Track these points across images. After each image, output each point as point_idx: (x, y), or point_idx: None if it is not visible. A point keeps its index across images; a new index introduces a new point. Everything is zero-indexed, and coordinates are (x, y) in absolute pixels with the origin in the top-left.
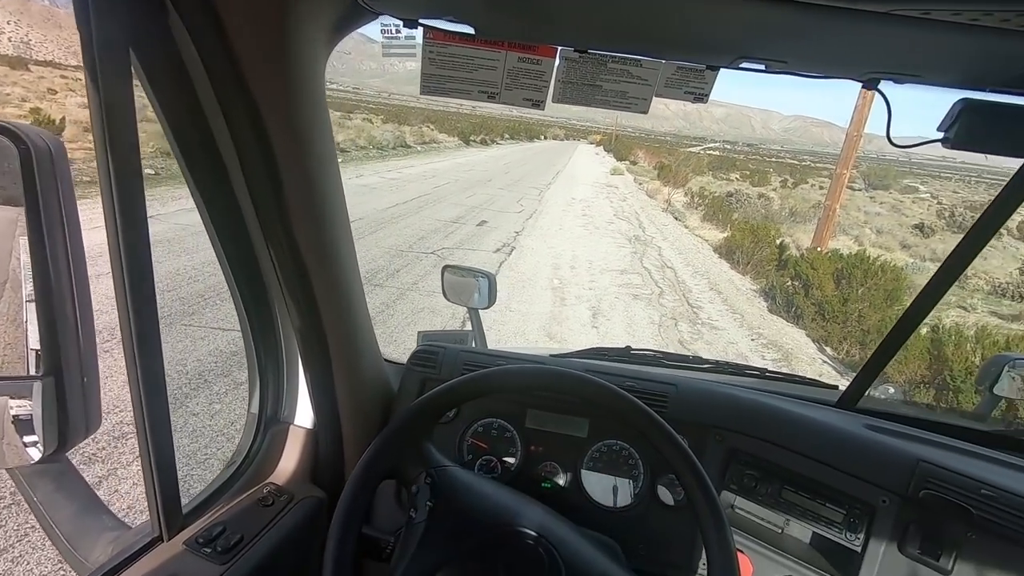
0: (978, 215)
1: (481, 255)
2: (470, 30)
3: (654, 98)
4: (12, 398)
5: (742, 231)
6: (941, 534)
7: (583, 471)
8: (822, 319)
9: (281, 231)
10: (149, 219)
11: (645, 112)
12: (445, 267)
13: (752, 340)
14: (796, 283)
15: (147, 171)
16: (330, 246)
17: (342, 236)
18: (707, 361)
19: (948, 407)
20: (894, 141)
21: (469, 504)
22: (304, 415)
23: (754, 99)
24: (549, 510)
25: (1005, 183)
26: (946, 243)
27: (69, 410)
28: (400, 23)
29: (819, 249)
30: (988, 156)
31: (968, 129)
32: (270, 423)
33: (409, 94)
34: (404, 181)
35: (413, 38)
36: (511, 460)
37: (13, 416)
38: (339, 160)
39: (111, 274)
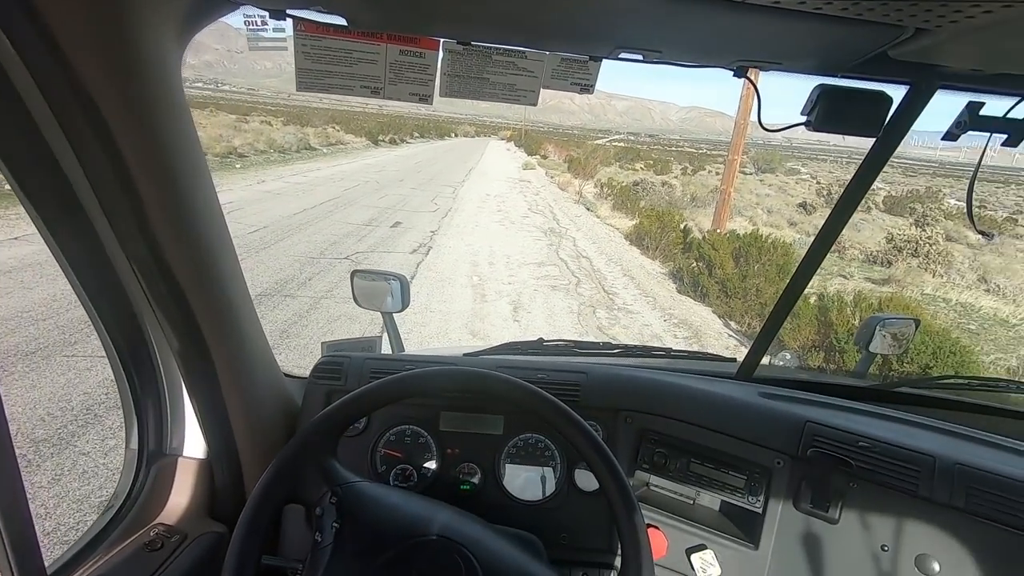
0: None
1: (398, 257)
2: (343, 21)
3: (544, 90)
4: None
5: (649, 218)
6: (828, 487)
7: (501, 468)
8: (725, 296)
9: (145, 249)
10: (16, 240)
11: (534, 104)
12: (354, 272)
13: (665, 321)
14: (700, 264)
15: (6, 187)
16: (206, 259)
17: (219, 246)
18: (617, 346)
19: (835, 368)
20: (765, 126)
21: (378, 519)
22: (194, 444)
23: (653, 92)
24: (462, 512)
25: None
26: (825, 218)
27: None
28: (266, 14)
29: (718, 231)
30: (846, 137)
31: (826, 112)
32: (153, 458)
33: (311, 95)
34: (311, 185)
35: (283, 30)
36: (428, 466)
37: None
38: (238, 165)
39: None
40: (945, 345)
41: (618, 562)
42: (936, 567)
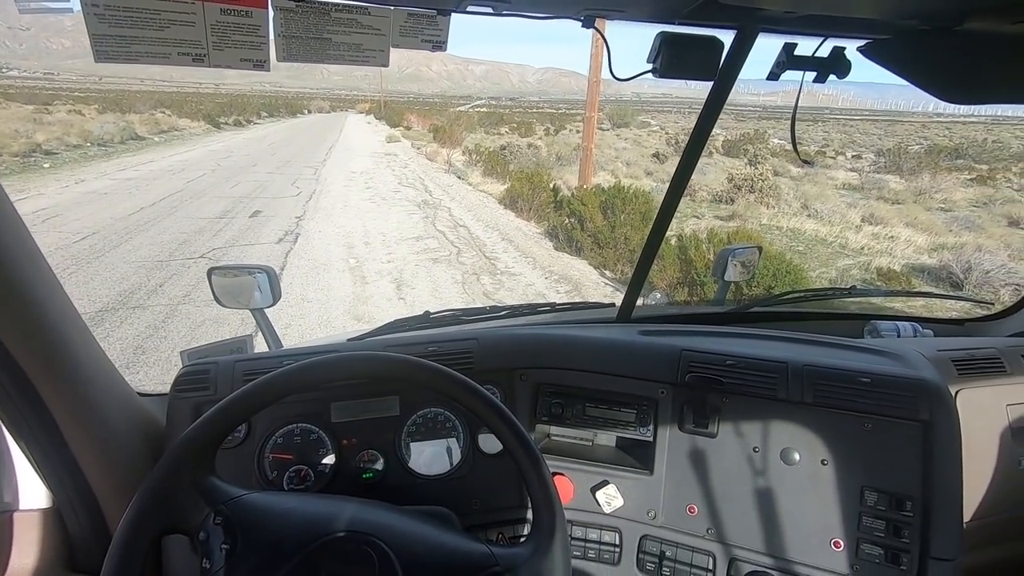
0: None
1: (263, 249)
2: None
3: (394, 50)
4: None
5: (519, 180)
6: (705, 406)
7: (403, 448)
8: (598, 247)
9: None
10: None
11: (385, 65)
12: (211, 270)
13: (546, 279)
14: (572, 220)
15: None
16: (10, 284)
17: (24, 256)
18: (504, 308)
19: (699, 299)
20: (616, 75)
21: (274, 529)
22: (31, 495)
23: (508, 55)
24: (367, 502)
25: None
26: (676, 165)
27: None
28: None
29: (585, 187)
30: (690, 84)
31: (668, 59)
32: None
33: (128, 75)
34: (146, 179)
35: None
36: (325, 462)
37: None
38: (47, 165)
39: None
40: (782, 267)
41: (530, 515)
42: (797, 457)
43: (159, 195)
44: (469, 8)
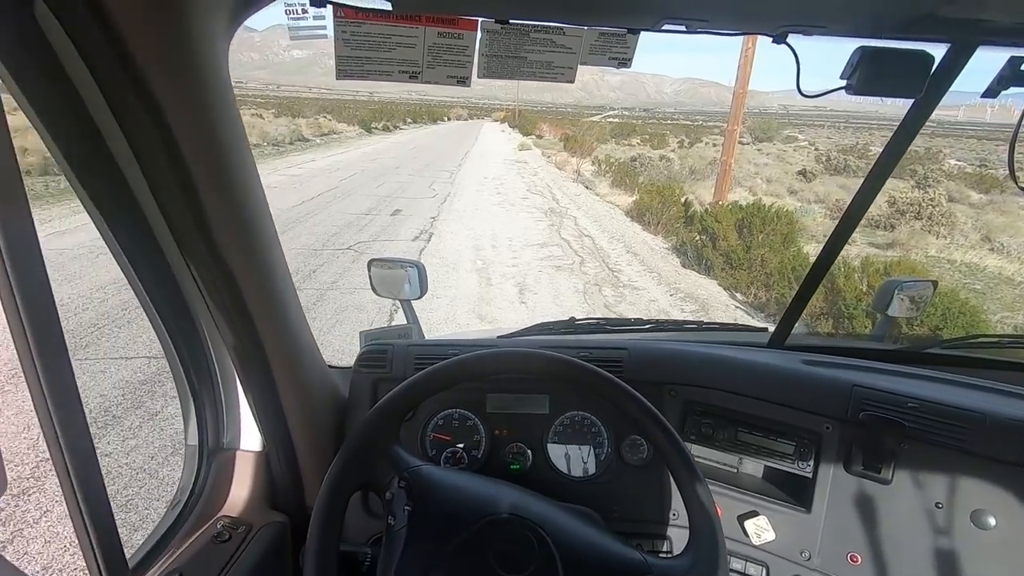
0: (849, 157)
1: (399, 245)
2: (386, 5)
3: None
4: None
5: (649, 193)
6: (880, 449)
7: (549, 446)
8: (730, 268)
9: (200, 241)
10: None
11: (571, 81)
12: (371, 261)
13: (671, 296)
14: (703, 237)
15: None
16: (257, 251)
17: (268, 239)
18: (648, 321)
19: (850, 333)
20: (804, 92)
21: (447, 500)
22: (250, 438)
23: (645, 65)
24: (525, 490)
25: (894, 127)
26: (826, 185)
27: None
28: (307, 2)
29: (720, 203)
30: (855, 98)
31: (867, 75)
32: (213, 452)
33: (299, 84)
34: (307, 177)
35: (323, 18)
36: (478, 448)
37: None
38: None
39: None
40: (954, 306)
41: (671, 532)
42: (992, 521)
43: (317, 191)
44: (665, 27)
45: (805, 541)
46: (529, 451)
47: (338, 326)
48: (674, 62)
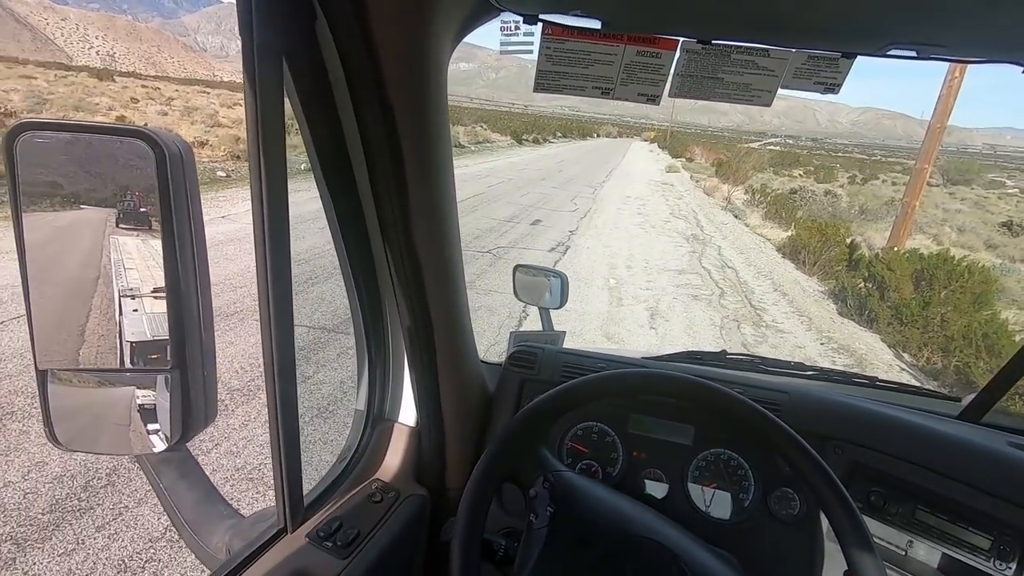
0: None
1: (536, 254)
2: (596, 24)
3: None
4: (138, 388)
5: (808, 229)
6: None
7: (689, 479)
8: (899, 323)
9: (400, 230)
10: (223, 219)
11: (768, 105)
12: (517, 267)
13: (821, 344)
14: (869, 285)
15: (219, 173)
16: (443, 248)
17: (454, 238)
18: (811, 368)
19: None
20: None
21: (589, 509)
22: (408, 413)
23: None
24: (668, 519)
25: None
26: None
27: (192, 402)
28: (520, 19)
29: (895, 248)
30: None
31: None
32: (377, 420)
33: (462, 94)
34: (459, 180)
35: (531, 34)
36: (614, 465)
37: (139, 406)
38: None
39: (254, 267)
40: None
41: None
42: None
43: (467, 194)
44: (891, 52)
45: None
46: (667, 480)
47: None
48: (853, 89)
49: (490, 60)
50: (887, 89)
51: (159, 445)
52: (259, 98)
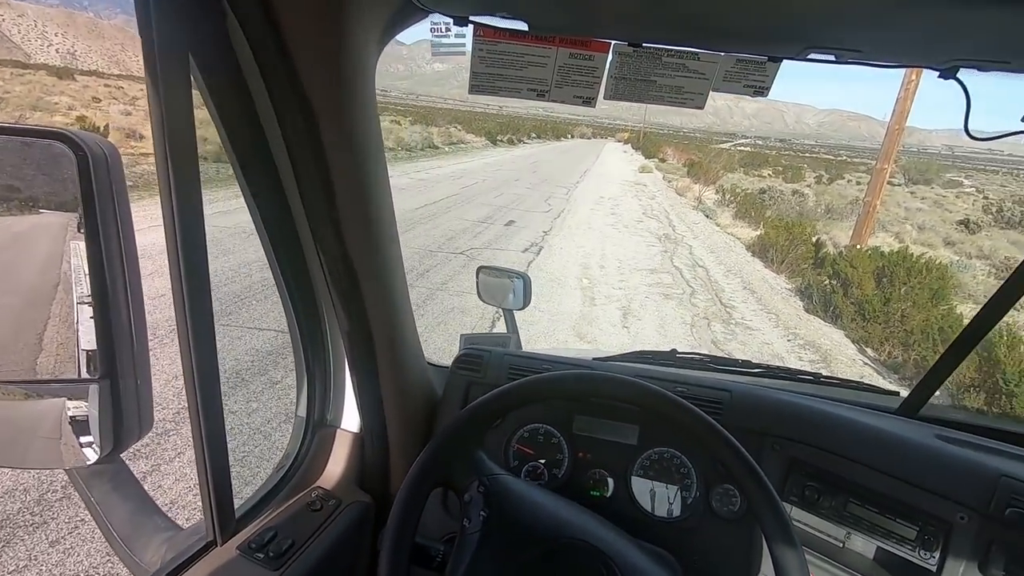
0: None
1: (509, 255)
2: (523, 26)
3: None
4: (69, 399)
5: (776, 228)
6: None
7: (633, 479)
8: (862, 319)
9: (331, 234)
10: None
11: (701, 107)
12: (480, 268)
13: (788, 341)
14: (834, 282)
15: None
16: (379, 249)
17: (390, 239)
18: (757, 365)
19: (1005, 413)
20: (972, 134)
21: (523, 514)
22: (350, 419)
23: (786, 93)
24: (605, 521)
25: None
26: (994, 239)
27: (124, 412)
28: (450, 21)
29: (858, 246)
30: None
31: None
32: (317, 426)
33: (436, 95)
34: (433, 182)
35: (463, 36)
36: (560, 467)
37: (70, 417)
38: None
39: (167, 273)
40: None
41: None
42: None
43: (440, 195)
44: (811, 56)
45: None
46: (611, 480)
47: (442, 326)
48: (819, 91)
49: (464, 61)
50: (851, 92)
51: (91, 457)
52: (163, 98)
